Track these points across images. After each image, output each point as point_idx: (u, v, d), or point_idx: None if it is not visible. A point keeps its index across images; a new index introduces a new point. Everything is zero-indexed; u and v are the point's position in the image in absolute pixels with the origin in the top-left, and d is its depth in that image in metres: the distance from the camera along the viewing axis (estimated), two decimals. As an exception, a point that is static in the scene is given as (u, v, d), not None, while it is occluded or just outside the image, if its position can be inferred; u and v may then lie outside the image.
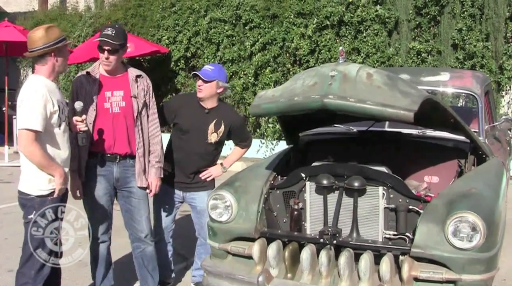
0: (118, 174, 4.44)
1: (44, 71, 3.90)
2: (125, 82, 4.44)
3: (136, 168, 4.45)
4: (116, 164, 4.42)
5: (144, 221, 4.58)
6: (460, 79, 5.57)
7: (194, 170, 4.81)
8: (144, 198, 4.57)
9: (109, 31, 4.28)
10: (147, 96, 4.52)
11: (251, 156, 10.43)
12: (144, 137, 4.48)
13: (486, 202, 3.83)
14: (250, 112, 4.22)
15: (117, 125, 4.38)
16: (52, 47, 3.86)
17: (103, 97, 4.36)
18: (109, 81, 4.40)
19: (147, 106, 4.51)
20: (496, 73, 10.48)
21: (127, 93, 4.41)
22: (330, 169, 4.13)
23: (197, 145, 4.76)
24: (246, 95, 12.27)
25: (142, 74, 4.55)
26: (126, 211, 4.58)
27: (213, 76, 4.67)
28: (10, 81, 12.86)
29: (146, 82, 4.54)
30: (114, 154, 4.40)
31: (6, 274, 5.34)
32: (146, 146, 4.49)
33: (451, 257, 3.52)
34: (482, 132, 5.10)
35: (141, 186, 4.48)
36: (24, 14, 16.90)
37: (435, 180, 4.62)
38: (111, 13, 14.67)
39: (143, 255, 4.65)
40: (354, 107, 3.56)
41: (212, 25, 12.79)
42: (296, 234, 4.11)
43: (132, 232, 4.63)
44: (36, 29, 3.92)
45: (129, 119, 4.41)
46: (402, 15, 11.25)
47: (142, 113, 4.47)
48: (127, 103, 4.41)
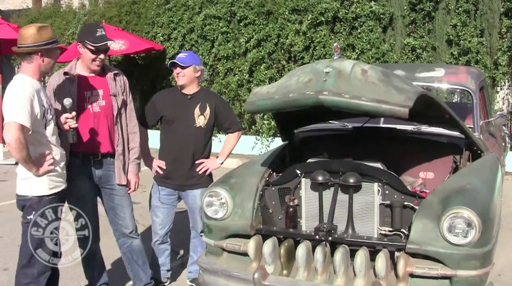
0: (100, 172, 4.43)
1: (30, 69, 3.84)
2: (104, 81, 4.44)
3: (116, 166, 4.46)
4: (98, 162, 4.41)
5: (128, 217, 4.58)
6: (455, 75, 5.58)
7: (189, 161, 4.81)
8: (127, 194, 4.58)
9: (100, 31, 4.29)
10: (124, 93, 4.54)
11: (246, 153, 10.43)
12: (124, 135, 4.51)
13: (481, 197, 3.84)
14: (245, 109, 4.21)
15: (98, 124, 4.38)
16: (41, 47, 3.81)
17: (83, 97, 4.33)
18: (87, 81, 4.38)
19: (125, 104, 4.54)
20: (491, 69, 10.48)
21: (106, 92, 4.41)
22: (325, 166, 4.13)
23: (187, 131, 4.78)
24: (241, 92, 12.25)
25: (119, 71, 4.57)
26: (109, 209, 4.57)
27: (190, 62, 4.78)
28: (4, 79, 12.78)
29: (123, 79, 4.56)
30: (96, 153, 4.39)
31: (2, 272, 5.32)
32: (125, 143, 4.53)
33: (446, 253, 3.53)
34: (477, 128, 5.11)
35: (120, 183, 4.49)
36: (18, 12, 16.88)
37: (430, 175, 4.62)
38: (105, 10, 14.63)
39: (131, 249, 4.64)
40: (349, 104, 3.56)
41: (207, 22, 12.75)
42: (291, 231, 4.11)
43: (116, 229, 4.61)
44: (29, 26, 3.87)
45: (109, 118, 4.41)
46: (396, 11, 11.24)
47: (121, 111, 4.50)
48: (107, 102, 4.41)
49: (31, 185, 3.84)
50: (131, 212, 4.61)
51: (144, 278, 4.73)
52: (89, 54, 4.29)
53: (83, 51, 4.32)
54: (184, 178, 4.84)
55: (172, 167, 4.83)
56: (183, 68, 4.76)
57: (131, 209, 4.61)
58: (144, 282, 4.73)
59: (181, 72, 4.77)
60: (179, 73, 4.78)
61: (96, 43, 4.24)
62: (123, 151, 4.50)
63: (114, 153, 4.45)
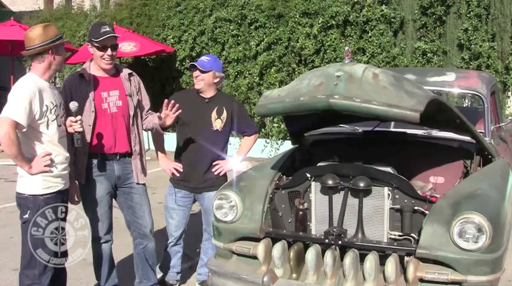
0: (119, 172, 4.47)
1: (40, 69, 3.89)
2: (119, 81, 4.48)
3: (133, 165, 4.51)
4: (117, 162, 4.45)
5: (147, 216, 4.62)
6: (466, 80, 5.55)
7: (206, 164, 4.83)
8: (145, 193, 4.62)
9: (108, 28, 4.32)
10: (139, 93, 4.59)
11: (256, 156, 10.44)
12: (140, 134, 4.56)
13: (492, 203, 3.82)
14: (256, 112, 4.22)
15: (116, 125, 4.41)
16: (50, 45, 3.85)
17: (100, 98, 4.37)
18: (103, 82, 4.41)
19: (139, 104, 4.59)
20: (502, 74, 10.45)
21: (122, 92, 4.45)
22: (336, 169, 4.12)
23: (204, 134, 4.79)
24: (251, 95, 12.26)
25: (133, 72, 4.61)
26: (128, 208, 4.60)
27: (210, 67, 4.75)
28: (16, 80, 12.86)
29: (137, 80, 4.62)
30: (115, 153, 4.43)
31: (11, 273, 5.35)
32: (142, 142, 4.58)
33: (456, 258, 3.51)
34: (488, 133, 5.08)
35: (138, 182, 4.53)
36: (29, 13, 16.96)
37: (440, 180, 4.61)
38: (116, 13, 14.69)
39: (145, 250, 4.68)
40: (360, 108, 3.55)
41: (218, 24, 12.78)
42: (301, 234, 4.11)
43: (135, 228, 4.64)
44: (33, 28, 3.91)
45: (126, 118, 4.46)
46: (407, 15, 11.23)
47: (137, 111, 4.54)
48: (124, 102, 4.45)
49: (27, 183, 3.87)
50: (149, 210, 4.66)
51: (153, 279, 4.77)
52: (97, 52, 4.33)
53: (92, 51, 4.37)
54: (200, 181, 4.85)
55: (189, 169, 4.84)
56: (203, 72, 4.75)
57: (149, 208, 4.66)
58: (153, 282, 4.76)
59: (200, 75, 4.76)
60: (198, 77, 4.77)
61: (99, 38, 4.26)
62: (140, 150, 4.53)
63: (132, 153, 4.49)
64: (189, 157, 4.85)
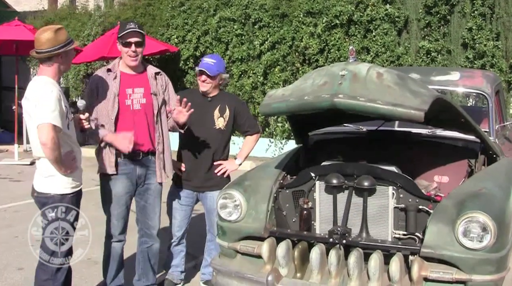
0: (140, 171, 4.49)
1: (50, 72, 3.91)
2: (145, 79, 4.51)
3: (157, 164, 4.52)
4: (139, 161, 4.46)
5: (157, 217, 4.66)
6: (470, 79, 5.54)
7: (208, 163, 4.84)
8: (158, 195, 4.64)
9: (132, 25, 4.39)
10: (165, 93, 4.62)
11: (260, 155, 10.44)
12: (164, 133, 4.55)
13: (496, 202, 3.81)
14: (260, 112, 4.22)
15: (138, 122, 4.43)
16: (59, 50, 3.87)
17: (124, 94, 4.41)
18: (129, 79, 4.46)
19: (165, 103, 4.59)
20: (507, 73, 10.43)
21: (147, 90, 4.48)
22: (340, 169, 4.12)
23: (206, 133, 4.81)
24: (255, 95, 12.27)
25: (161, 71, 4.65)
26: (140, 208, 4.63)
27: (217, 71, 4.76)
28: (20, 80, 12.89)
29: (164, 79, 4.65)
30: (137, 151, 4.42)
31: (16, 272, 5.36)
32: (166, 142, 4.57)
33: (461, 257, 3.50)
34: (493, 132, 5.07)
35: (161, 181, 4.57)
36: (34, 13, 16.98)
37: (445, 179, 4.60)
38: (121, 12, 14.71)
39: (149, 250, 4.71)
40: (364, 107, 3.55)
41: (221, 24, 12.80)
42: (305, 234, 4.11)
43: (143, 227, 4.67)
44: (45, 30, 3.91)
45: (149, 116, 4.47)
46: (411, 14, 11.22)
47: (161, 110, 4.55)
48: (148, 100, 4.47)
49: (55, 183, 3.91)
50: (160, 212, 4.69)
51: (152, 279, 4.78)
52: (122, 48, 4.40)
53: (120, 48, 4.43)
54: (202, 180, 4.86)
55: (191, 168, 4.86)
56: (210, 77, 4.75)
57: (160, 209, 4.69)
58: (151, 282, 4.78)
59: (207, 80, 4.76)
60: (205, 81, 4.77)
61: (121, 33, 4.35)
62: (163, 150, 4.54)
63: (155, 152, 4.50)
64: (191, 156, 4.86)
